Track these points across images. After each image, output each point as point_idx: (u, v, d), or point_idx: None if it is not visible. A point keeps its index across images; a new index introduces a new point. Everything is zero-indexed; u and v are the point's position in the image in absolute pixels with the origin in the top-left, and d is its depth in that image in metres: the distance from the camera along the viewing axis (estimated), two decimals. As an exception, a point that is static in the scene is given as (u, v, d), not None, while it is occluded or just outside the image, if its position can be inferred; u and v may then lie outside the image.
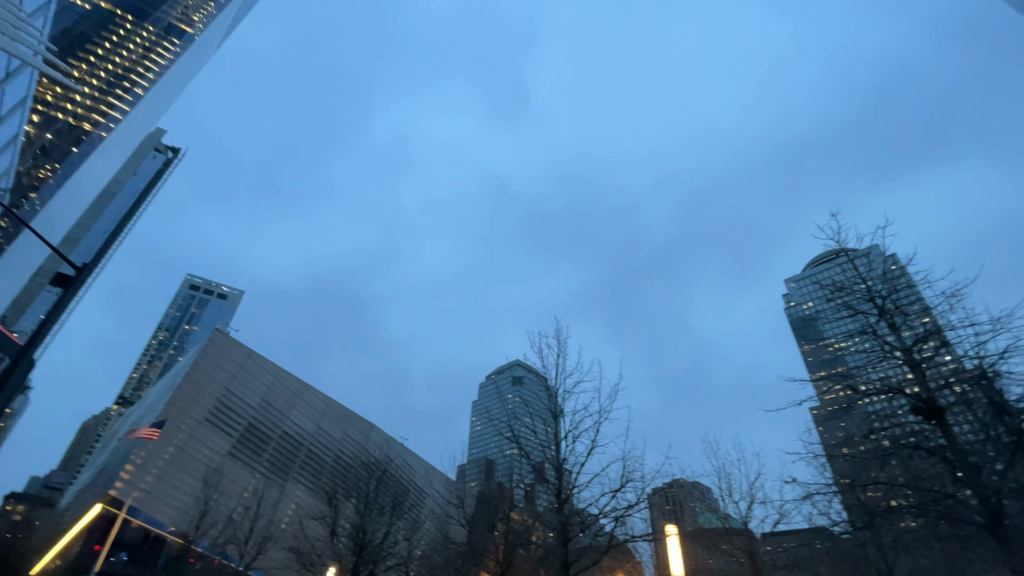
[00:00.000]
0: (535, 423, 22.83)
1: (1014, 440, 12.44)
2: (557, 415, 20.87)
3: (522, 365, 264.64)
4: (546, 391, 22.02)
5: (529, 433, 22.55)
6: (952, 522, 13.38)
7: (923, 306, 15.13)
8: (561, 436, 20.57)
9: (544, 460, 21.14)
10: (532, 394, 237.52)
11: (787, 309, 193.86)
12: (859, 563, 28.38)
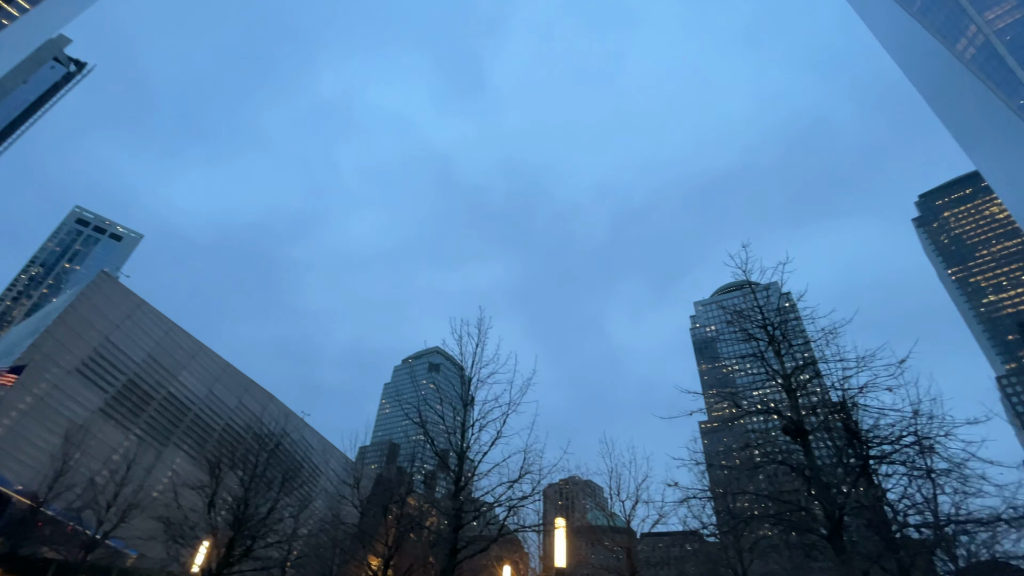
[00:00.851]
0: (444, 410, 22.78)
1: (860, 464, 14.36)
2: (467, 403, 20.97)
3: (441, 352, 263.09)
4: (460, 379, 22.03)
5: (437, 419, 22.45)
6: (801, 532, 15.21)
7: (805, 339, 16.98)
8: (469, 424, 20.69)
9: (449, 447, 21.16)
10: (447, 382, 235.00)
11: (692, 329, 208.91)
12: (720, 564, 31.37)
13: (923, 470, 15.01)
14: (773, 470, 16.00)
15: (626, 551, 27.09)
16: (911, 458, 14.88)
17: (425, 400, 22.87)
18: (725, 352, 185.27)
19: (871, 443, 14.83)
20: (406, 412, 22.12)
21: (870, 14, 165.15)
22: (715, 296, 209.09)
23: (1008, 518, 14.53)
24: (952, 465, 14.86)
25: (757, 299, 17.19)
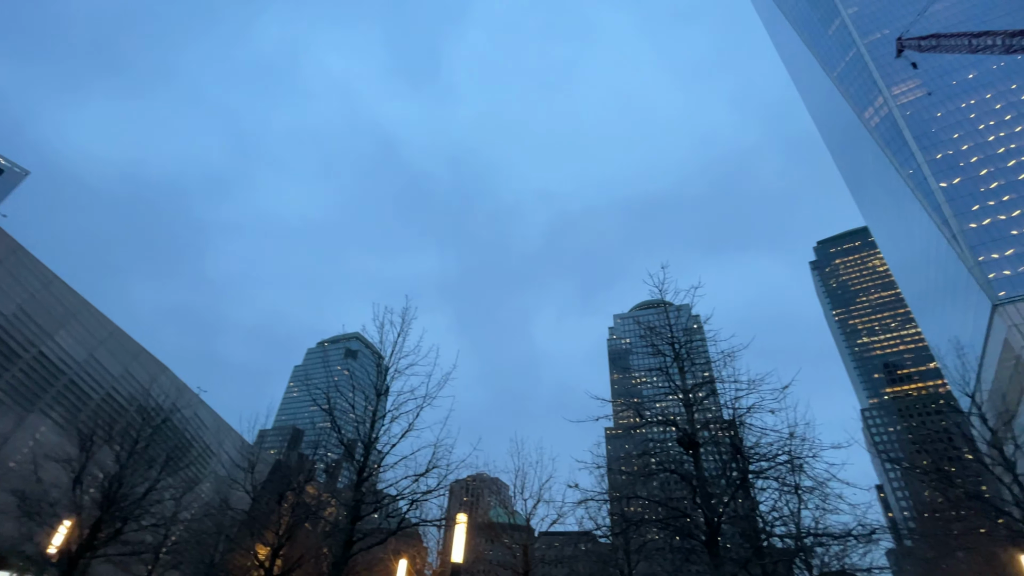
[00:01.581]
0: (356, 398, 22.06)
1: (740, 477, 15.79)
2: (382, 393, 20.46)
3: (361, 339, 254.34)
4: (377, 368, 21.44)
5: (347, 407, 21.68)
6: (684, 536, 16.42)
7: (706, 359, 18.37)
8: (380, 415, 20.18)
9: (356, 437, 20.50)
10: (362, 370, 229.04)
11: (609, 340, 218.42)
12: (608, 564, 33.01)
13: (792, 486, 16.79)
14: (665, 478, 17.17)
15: (523, 548, 27.72)
16: (783, 475, 16.59)
17: (337, 387, 21.99)
18: (636, 364, 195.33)
19: (752, 459, 16.36)
20: (314, 397, 21.12)
21: (798, 72, 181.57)
22: (633, 311, 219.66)
23: (857, 534, 16.58)
24: (816, 483, 16.74)
25: (669, 318, 18.39)
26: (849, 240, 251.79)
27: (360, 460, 18.57)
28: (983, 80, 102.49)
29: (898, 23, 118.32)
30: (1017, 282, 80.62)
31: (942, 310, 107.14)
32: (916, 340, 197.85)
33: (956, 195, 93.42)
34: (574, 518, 26.31)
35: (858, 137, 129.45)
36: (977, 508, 25.06)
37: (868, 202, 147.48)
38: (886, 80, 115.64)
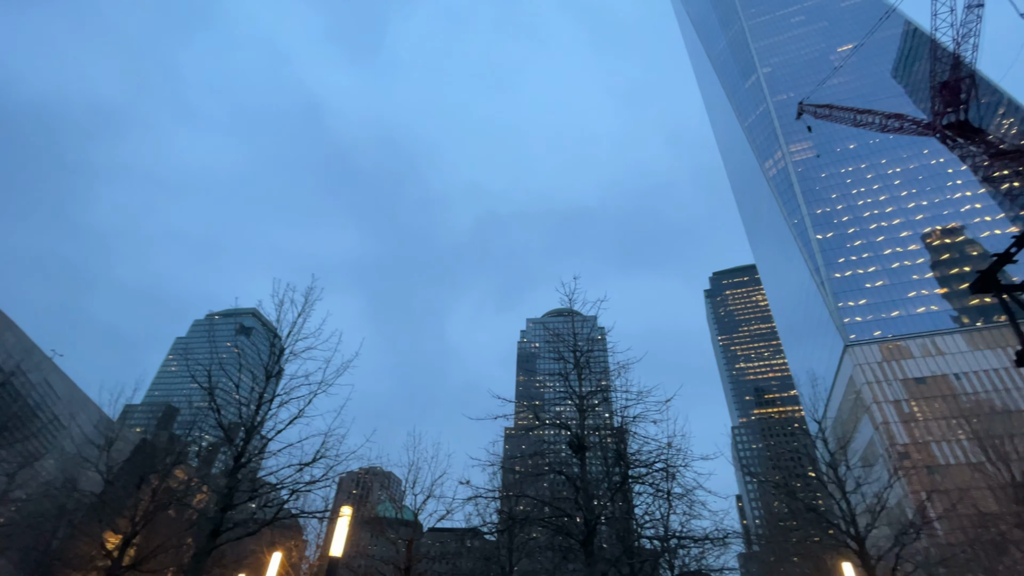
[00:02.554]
0: (243, 378, 20.48)
1: (620, 482, 16.93)
2: (273, 375, 19.21)
3: (258, 316, 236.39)
4: (270, 348, 20.06)
5: (231, 387, 20.08)
6: (563, 536, 17.24)
7: (603, 368, 19.48)
8: (268, 398, 18.92)
9: (239, 420, 19.02)
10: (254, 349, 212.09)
11: (520, 343, 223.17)
12: (491, 561, 33.66)
13: (664, 493, 18.32)
14: (553, 478, 17.91)
15: (408, 544, 27.40)
16: (657, 481, 18.03)
17: (221, 364, 20.26)
18: (542, 368, 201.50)
19: (632, 465, 17.61)
20: (193, 373, 19.30)
21: (716, 115, 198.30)
22: (545, 317, 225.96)
23: (713, 537, 18.43)
24: (685, 491, 18.38)
25: (574, 326, 19.27)
26: (739, 275, 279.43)
27: (240, 445, 17.25)
28: (861, 151, 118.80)
29: (803, 88, 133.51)
30: (865, 328, 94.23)
31: (806, 345, 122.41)
32: (783, 369, 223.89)
33: (828, 247, 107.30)
34: (463, 514, 26.52)
35: (757, 183, 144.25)
36: (812, 519, 28.89)
37: (759, 242, 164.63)
38: (786, 137, 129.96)
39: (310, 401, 18.18)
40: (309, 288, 20.04)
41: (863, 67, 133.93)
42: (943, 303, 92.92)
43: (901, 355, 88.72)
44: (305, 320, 19.51)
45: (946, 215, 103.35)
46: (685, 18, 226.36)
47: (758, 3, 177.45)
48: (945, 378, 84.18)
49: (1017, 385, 77.75)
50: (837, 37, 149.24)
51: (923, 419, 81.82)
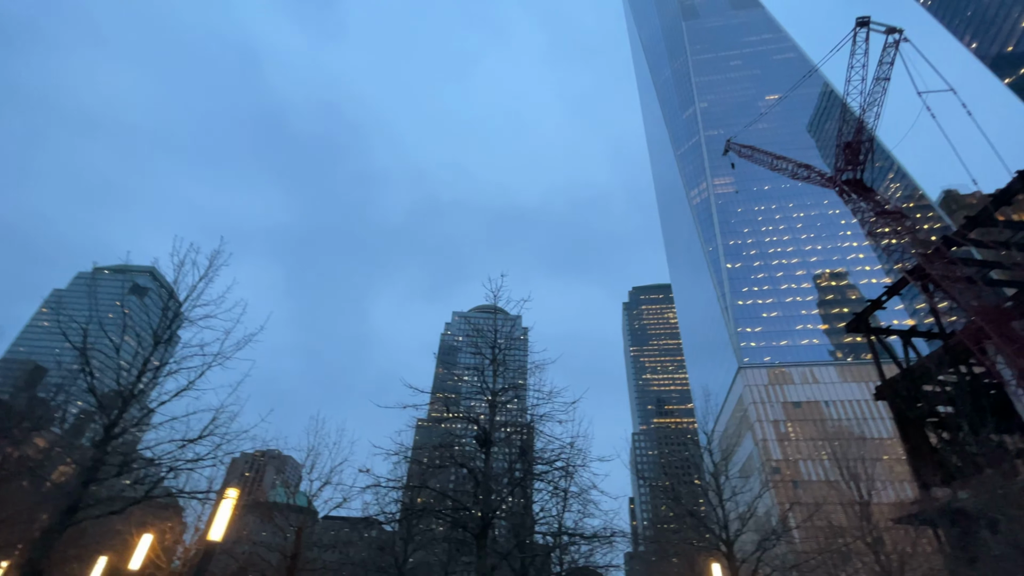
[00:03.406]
0: (128, 340, 18.48)
1: (521, 478, 17.35)
2: (162, 341, 17.47)
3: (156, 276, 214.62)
4: (162, 311, 18.24)
5: (111, 350, 18.03)
6: (459, 528, 17.35)
7: (519, 366, 19.84)
8: (154, 365, 17.22)
9: (117, 386, 17.12)
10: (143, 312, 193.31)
11: (444, 335, 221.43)
12: (386, 551, 33.07)
13: (562, 491, 19.03)
14: (456, 471, 17.96)
15: (297, 531, 26.17)
16: (556, 479, 18.66)
17: (103, 324, 18.15)
18: (461, 362, 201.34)
19: (534, 462, 18.09)
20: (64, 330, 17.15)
21: (653, 138, 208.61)
22: (472, 311, 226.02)
23: (601, 536, 19.38)
24: (581, 490, 19.20)
25: (496, 323, 19.45)
26: (656, 292, 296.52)
27: (114, 414, 15.52)
28: (773, 193, 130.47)
29: (732, 127, 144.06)
30: (757, 353, 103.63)
31: (706, 363, 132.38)
32: (684, 383, 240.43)
33: (735, 276, 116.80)
34: (360, 503, 25.76)
35: (682, 209, 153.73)
36: (692, 523, 31.30)
37: (676, 264, 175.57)
38: (712, 170, 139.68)
39: (202, 373, 16.74)
40: (216, 251, 18.43)
41: (785, 117, 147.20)
42: (823, 337, 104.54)
43: (784, 380, 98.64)
44: (207, 285, 17.90)
45: (835, 260, 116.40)
46: (638, 43, 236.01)
47: (704, 40, 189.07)
48: (817, 404, 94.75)
49: (874, 415, 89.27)
50: (767, 86, 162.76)
51: (795, 439, 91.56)
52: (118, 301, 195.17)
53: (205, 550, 16.29)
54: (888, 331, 55.91)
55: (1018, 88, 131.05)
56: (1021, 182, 36.61)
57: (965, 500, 34.03)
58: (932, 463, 43.80)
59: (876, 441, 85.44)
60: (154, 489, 16.49)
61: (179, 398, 16.55)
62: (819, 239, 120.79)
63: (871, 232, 45.04)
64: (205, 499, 24.39)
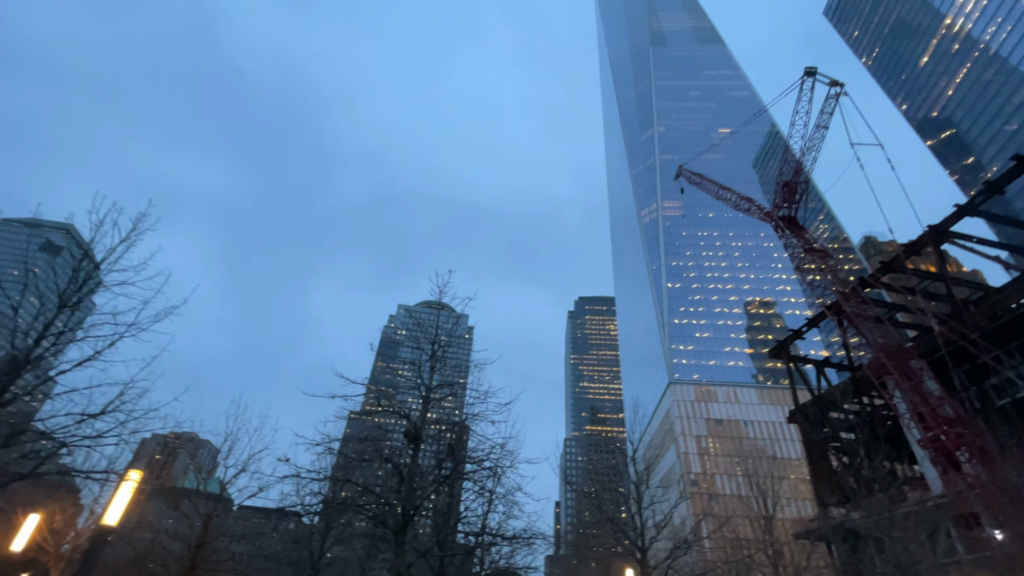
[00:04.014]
0: (31, 299, 16.75)
1: (447, 476, 17.24)
2: (68, 304, 15.92)
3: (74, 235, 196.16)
4: (73, 272, 16.63)
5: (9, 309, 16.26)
6: (379, 524, 16.96)
7: (458, 363, 19.73)
8: (57, 330, 15.66)
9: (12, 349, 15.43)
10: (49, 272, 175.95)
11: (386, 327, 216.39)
12: (302, 545, 31.84)
13: (488, 491, 19.06)
14: (380, 465, 17.57)
15: (205, 519, 24.68)
16: (483, 479, 18.68)
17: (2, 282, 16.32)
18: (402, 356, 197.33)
19: (463, 461, 18.02)
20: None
21: (611, 155, 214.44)
22: (418, 306, 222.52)
23: (521, 537, 19.56)
24: (507, 491, 19.32)
25: (439, 319, 19.24)
26: (600, 304, 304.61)
27: (2, 380, 13.96)
28: (716, 221, 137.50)
29: (686, 153, 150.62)
30: (688, 370, 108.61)
31: (640, 375, 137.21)
32: (618, 393, 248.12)
33: (674, 296, 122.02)
34: (278, 494, 24.70)
35: (632, 226, 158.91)
36: (612, 530, 32.29)
37: (622, 278, 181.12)
38: (663, 193, 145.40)
39: (112, 344, 15.37)
40: (142, 214, 16.99)
41: (734, 151, 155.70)
42: (748, 361, 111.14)
43: (709, 398, 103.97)
44: (128, 249, 16.46)
45: (765, 289, 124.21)
46: (607, 61, 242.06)
47: (668, 68, 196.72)
48: (737, 423, 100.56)
49: (786, 437, 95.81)
50: (720, 119, 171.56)
51: (714, 454, 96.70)
52: (25, 260, 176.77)
53: (97, 535, 15.00)
54: (805, 360, 60.32)
55: (937, 150, 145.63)
56: (929, 236, 40.70)
57: (857, 520, 37.23)
58: (831, 484, 47.64)
59: (786, 461, 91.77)
60: (42, 465, 14.99)
61: (83, 368, 15.14)
62: (753, 268, 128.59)
63: (799, 267, 48.44)
64: (104, 480, 22.53)
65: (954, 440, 33.87)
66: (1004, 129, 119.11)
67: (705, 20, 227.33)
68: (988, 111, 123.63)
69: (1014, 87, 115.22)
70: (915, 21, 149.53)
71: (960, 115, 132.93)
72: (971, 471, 32.32)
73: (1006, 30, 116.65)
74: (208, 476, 30.03)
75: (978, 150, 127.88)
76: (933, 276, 43.90)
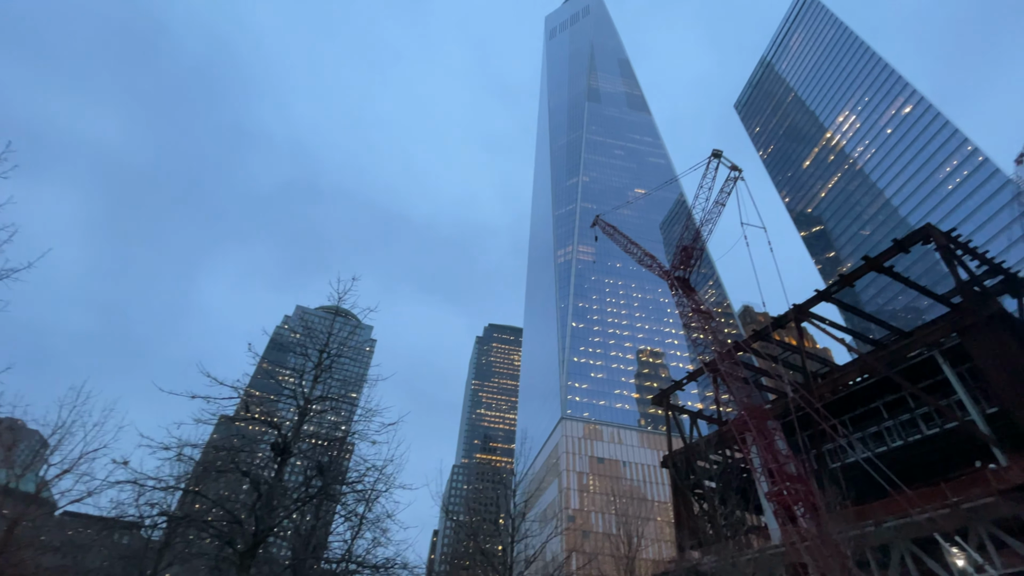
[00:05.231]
0: None
1: (313, 495, 16.10)
2: None
3: None
4: None
5: None
6: (226, 543, 15.28)
7: (350, 376, 18.81)
8: None
9: None
10: None
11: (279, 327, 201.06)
12: (132, 561, 27.69)
13: (357, 515, 17.97)
14: (238, 478, 15.99)
15: (11, 523, 20.68)
16: (352, 504, 17.67)
17: None
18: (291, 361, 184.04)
19: (335, 481, 16.96)
20: None
21: (538, 194, 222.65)
22: (318, 310, 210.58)
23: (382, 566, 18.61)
24: (379, 517, 18.41)
25: (333, 326, 18.31)
26: (508, 333, 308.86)
27: None
28: (623, 272, 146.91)
29: (604, 204, 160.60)
30: (579, 407, 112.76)
31: (536, 408, 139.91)
32: (512, 424, 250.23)
33: (577, 335, 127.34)
34: (108, 501, 21.36)
35: (547, 264, 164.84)
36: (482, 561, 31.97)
37: (531, 311, 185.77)
38: (580, 238, 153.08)
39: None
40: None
41: (646, 210, 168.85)
42: (635, 405, 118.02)
43: (596, 436, 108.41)
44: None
45: (656, 340, 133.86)
46: (546, 105, 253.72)
47: (599, 124, 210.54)
48: (617, 463, 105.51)
49: (659, 481, 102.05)
50: (638, 180, 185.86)
51: (593, 491, 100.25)
52: None
53: None
54: (682, 410, 65.45)
55: (808, 241, 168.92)
56: (793, 313, 46.76)
57: (706, 564, 40.34)
58: (691, 528, 51.40)
59: (656, 503, 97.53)
60: None
61: None
62: (648, 319, 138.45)
63: (687, 324, 52.98)
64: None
65: (794, 496, 38.24)
66: (860, 233, 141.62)
67: (637, 89, 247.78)
68: (849, 216, 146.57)
69: (871, 200, 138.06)
70: (804, 129, 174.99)
71: (828, 215, 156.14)
72: (804, 525, 36.52)
73: (871, 152, 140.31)
74: (24, 472, 25.40)
75: (839, 247, 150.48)
76: (793, 348, 50.19)
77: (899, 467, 36.62)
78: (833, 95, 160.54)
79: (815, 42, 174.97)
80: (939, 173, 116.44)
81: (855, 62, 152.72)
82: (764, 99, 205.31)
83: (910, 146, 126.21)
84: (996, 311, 34.39)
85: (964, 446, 36.46)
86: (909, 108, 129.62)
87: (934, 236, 38.42)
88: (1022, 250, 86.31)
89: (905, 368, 39.39)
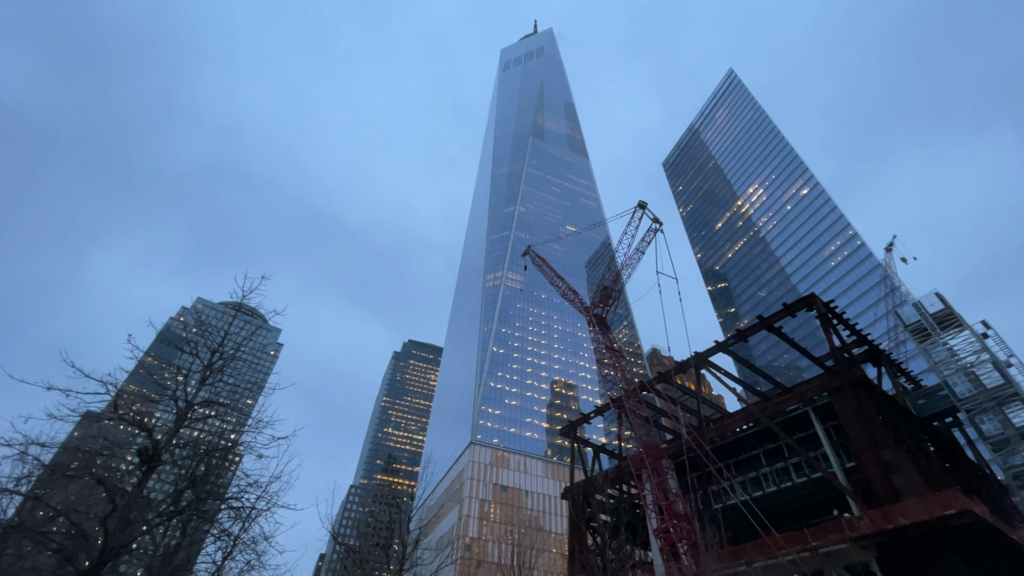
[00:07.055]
0: None
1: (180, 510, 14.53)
2: None
3: None
4: None
5: None
6: (66, 559, 13.29)
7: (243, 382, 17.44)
8: None
9: None
10: None
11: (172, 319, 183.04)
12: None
13: (231, 536, 16.35)
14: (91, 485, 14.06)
15: None
16: (227, 522, 16.11)
17: None
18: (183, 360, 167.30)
19: (208, 496, 15.42)
20: None
21: (475, 218, 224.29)
22: (218, 305, 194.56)
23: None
24: (255, 539, 16.91)
25: (230, 324, 17.02)
26: (427, 351, 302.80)
27: None
28: (547, 303, 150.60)
29: (537, 236, 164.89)
30: (489, 433, 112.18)
31: (446, 431, 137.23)
32: (419, 446, 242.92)
33: (496, 360, 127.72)
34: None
35: (476, 286, 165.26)
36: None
37: (454, 332, 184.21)
38: (510, 265, 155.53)
39: None
40: None
41: (574, 247, 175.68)
42: (544, 434, 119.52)
43: (502, 463, 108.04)
44: None
45: (571, 373, 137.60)
46: (492, 133, 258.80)
47: (540, 159, 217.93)
48: (520, 492, 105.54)
49: (558, 512, 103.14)
50: (570, 218, 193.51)
51: (493, 520, 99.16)
52: None
53: None
54: (587, 443, 67.30)
55: (713, 296, 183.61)
56: (694, 360, 50.33)
57: (592, 598, 41.08)
58: (581, 562, 52.27)
59: (553, 535, 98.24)
60: None
61: None
62: (565, 352, 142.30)
63: (599, 360, 55.11)
64: None
65: (679, 533, 40.31)
66: (757, 293, 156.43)
67: (579, 133, 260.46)
68: (750, 277, 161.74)
69: (769, 265, 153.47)
70: (719, 194, 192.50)
71: (733, 274, 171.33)
72: (686, 563, 38.48)
73: (772, 223, 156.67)
74: None
75: (738, 304, 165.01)
76: (691, 393, 53.85)
77: (772, 511, 39.90)
78: (746, 168, 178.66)
79: (736, 119, 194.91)
80: (825, 250, 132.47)
81: (767, 143, 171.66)
82: (689, 162, 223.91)
83: (804, 223, 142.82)
84: (860, 377, 39.21)
85: (826, 495, 40.59)
86: (807, 191, 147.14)
87: (816, 305, 43.40)
88: (885, 325, 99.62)
89: (783, 420, 43.50)
